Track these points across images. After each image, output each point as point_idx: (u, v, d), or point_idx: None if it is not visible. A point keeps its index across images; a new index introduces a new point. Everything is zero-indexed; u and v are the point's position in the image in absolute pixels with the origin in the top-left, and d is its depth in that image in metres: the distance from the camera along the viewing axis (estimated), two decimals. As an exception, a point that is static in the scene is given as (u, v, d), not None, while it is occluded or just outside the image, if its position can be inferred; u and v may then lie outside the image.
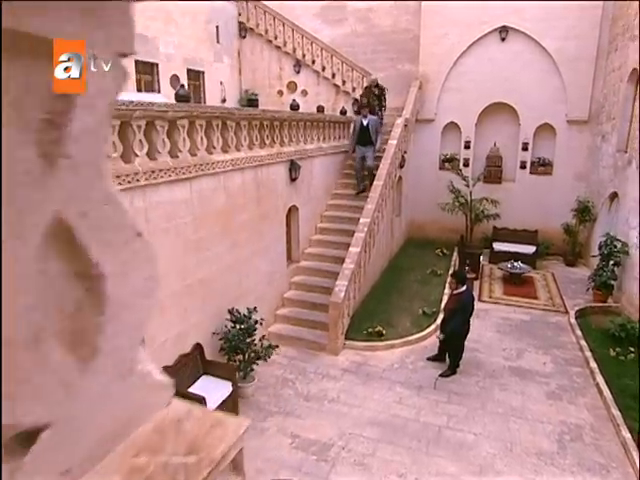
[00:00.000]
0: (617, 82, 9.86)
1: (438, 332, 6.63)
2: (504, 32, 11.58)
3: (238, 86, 14.49)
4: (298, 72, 13.88)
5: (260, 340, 6.22)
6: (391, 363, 6.88)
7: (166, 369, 5.22)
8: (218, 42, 13.64)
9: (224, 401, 5.52)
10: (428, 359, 6.91)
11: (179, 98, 5.31)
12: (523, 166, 12.19)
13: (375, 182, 8.95)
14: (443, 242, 12.20)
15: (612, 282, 8.61)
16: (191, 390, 5.48)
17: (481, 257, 10.64)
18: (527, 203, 12.14)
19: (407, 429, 5.43)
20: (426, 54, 12.37)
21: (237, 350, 5.96)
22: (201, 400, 5.08)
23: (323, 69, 13.43)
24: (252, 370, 6.08)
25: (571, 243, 11.28)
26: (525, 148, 12.06)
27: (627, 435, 5.06)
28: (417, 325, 7.89)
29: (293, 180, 8.01)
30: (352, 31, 13.89)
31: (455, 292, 6.39)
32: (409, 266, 10.79)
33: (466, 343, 6.75)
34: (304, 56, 13.63)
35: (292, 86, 13.95)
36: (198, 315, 5.79)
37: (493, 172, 12.46)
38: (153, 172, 4.80)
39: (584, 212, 10.87)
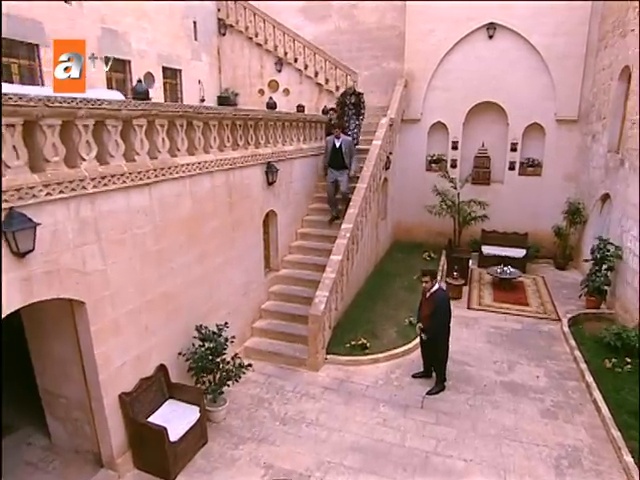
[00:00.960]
0: (607, 80, 9.55)
1: (419, 330, 6.15)
2: (491, 29, 11.22)
3: (218, 85, 13.95)
4: (280, 71, 13.40)
5: (232, 359, 5.71)
6: (375, 379, 6.42)
7: (124, 396, 4.70)
8: (196, 39, 13.09)
9: (192, 428, 5.00)
10: (414, 376, 6.46)
11: (137, 95, 4.79)
12: (512, 167, 11.84)
13: (358, 184, 8.49)
14: (431, 245, 11.81)
15: (606, 287, 8.26)
16: (154, 417, 4.97)
17: (470, 261, 10.25)
18: (516, 205, 11.80)
19: (391, 456, 4.96)
20: (412, 51, 11.96)
21: (206, 371, 5.44)
22: (162, 431, 4.57)
23: (305, 67, 12.97)
24: (222, 393, 5.56)
25: (562, 246, 10.95)
26: (514, 148, 11.71)
27: (629, 459, 4.66)
28: (403, 336, 7.44)
29: (270, 184, 7.51)
30: (336, 28, 13.46)
31: (428, 293, 5.96)
32: (395, 271, 10.35)
33: (455, 356, 6.33)
34: (286, 54, 13.16)
35: (274, 85, 13.46)
36: (162, 333, 5.26)
37: (481, 173, 12.10)
38: (104, 178, 4.26)
39: (575, 214, 10.55)
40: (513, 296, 9.25)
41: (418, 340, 6.95)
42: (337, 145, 8.74)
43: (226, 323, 5.69)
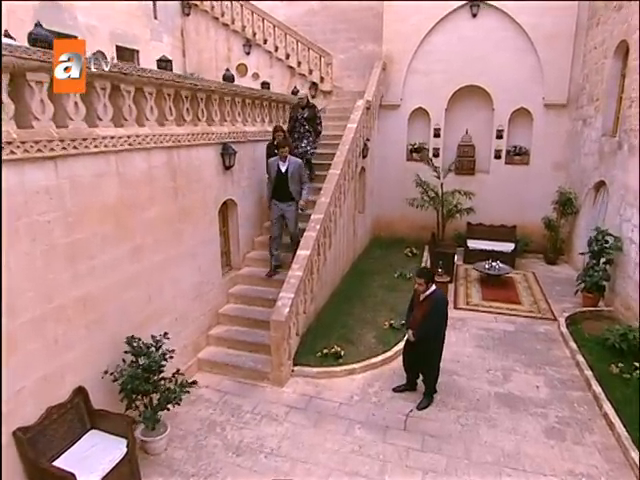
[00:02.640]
0: (600, 59, 8.83)
1: (409, 333, 5.13)
2: (475, 7, 10.40)
3: (182, 69, 12.80)
4: (248, 53, 12.35)
5: (173, 376, 4.66)
6: (350, 395, 5.45)
7: (20, 433, 3.61)
8: (156, 18, 11.96)
9: (116, 466, 3.94)
10: (395, 390, 5.52)
11: (33, 41, 3.71)
12: (498, 155, 11.06)
13: (331, 171, 7.52)
14: (413, 241, 10.95)
15: (604, 283, 7.50)
16: (67, 456, 3.90)
17: (455, 257, 9.41)
18: (503, 196, 11.03)
19: (368, 494, 4.01)
20: (390, 31, 11.07)
21: (139, 392, 4.38)
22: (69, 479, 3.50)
23: (276, 49, 11.97)
24: (157, 421, 4.49)
25: (552, 239, 10.21)
26: (500, 135, 10.93)
27: (655, 491, 3.81)
28: (383, 341, 6.51)
29: (227, 168, 6.48)
30: (309, 9, 12.48)
31: (422, 296, 5.00)
32: (374, 269, 9.43)
33: (442, 364, 5.41)
34: (255, 35, 12.13)
35: (242, 69, 12.40)
36: (80, 348, 4.18)
37: (465, 163, 11.29)
38: (-21, 145, 3.19)
39: (566, 204, 9.81)
40: (503, 294, 8.43)
41: (402, 346, 6.03)
42: (283, 169, 6.55)
43: (165, 333, 4.63)
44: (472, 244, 10.32)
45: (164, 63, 5.35)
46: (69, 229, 3.98)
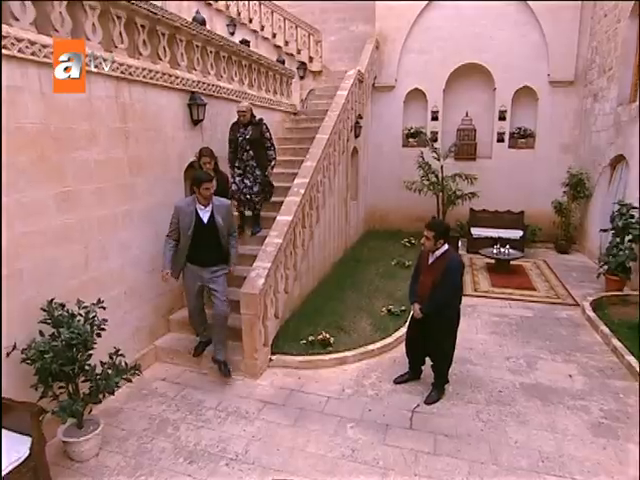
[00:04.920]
0: (612, 25, 8.09)
1: (415, 307, 4.07)
2: (473, -21, 9.74)
3: (160, 52, 11.92)
4: (233, 33, 11.41)
5: (111, 358, 3.57)
6: (341, 387, 4.38)
7: None
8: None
9: (12, 475, 2.83)
10: (397, 382, 4.45)
11: None
12: (501, 139, 10.23)
13: (318, 135, 6.57)
14: (411, 232, 9.96)
15: (631, 264, 6.55)
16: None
17: (459, 242, 8.46)
18: (507, 183, 10.16)
19: (365, 513, 2.92)
20: (383, 8, 10.35)
21: (59, 376, 3.28)
22: None
23: (262, 28, 11.12)
24: (80, 414, 3.37)
25: (564, 225, 9.30)
26: (502, 117, 10.13)
27: None
28: (381, 329, 5.46)
29: (196, 123, 5.50)
30: (297, -13, 11.77)
31: (432, 258, 3.97)
32: (370, 258, 8.44)
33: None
34: (239, 14, 11.29)
35: (225, 50, 11.54)
36: (-24, 316, 3.10)
37: (465, 148, 10.45)
38: None
39: (578, 186, 8.94)
40: (514, 280, 7.45)
41: (403, 333, 5.01)
42: (205, 220, 4.16)
43: (100, 300, 3.55)
44: (476, 232, 9.38)
45: None
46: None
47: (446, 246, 3.92)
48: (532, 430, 3.67)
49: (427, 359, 4.36)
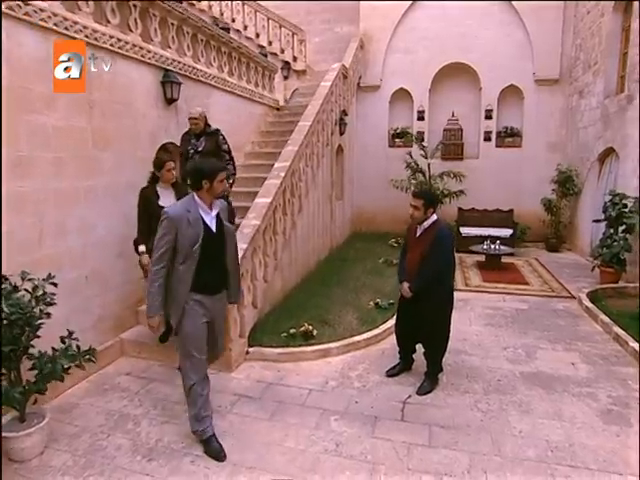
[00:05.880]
0: (596, 20, 8.09)
1: (403, 286, 3.69)
2: (457, -20, 9.75)
3: (141, 52, 11.65)
4: (215, 33, 11.33)
5: (63, 341, 3.12)
6: (324, 379, 3.96)
7: None
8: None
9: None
10: (389, 374, 4.05)
11: None
12: (488, 138, 10.14)
13: (301, 123, 6.30)
14: (399, 235, 9.63)
15: (625, 255, 6.33)
16: None
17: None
18: (495, 182, 10.02)
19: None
20: (367, 8, 10.30)
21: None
22: None
23: (245, 28, 10.98)
24: (22, 406, 2.91)
25: (554, 223, 9.12)
26: (489, 116, 10.05)
27: None
28: (367, 322, 5.07)
29: (170, 102, 5.17)
30: (281, -11, 11.69)
31: (420, 230, 3.64)
32: (356, 257, 8.12)
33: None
34: (222, 14, 11.15)
35: (208, 49, 11.32)
36: None
37: (452, 148, 10.31)
38: None
39: (566, 182, 8.80)
40: (507, 276, 7.17)
41: (392, 325, 4.64)
42: (214, 228, 2.91)
43: (50, 275, 3.11)
44: (465, 231, 9.14)
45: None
46: None
47: (435, 216, 3.61)
48: (537, 419, 3.30)
49: (418, 348, 3.99)
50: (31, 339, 2.90)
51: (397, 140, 10.66)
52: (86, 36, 3.94)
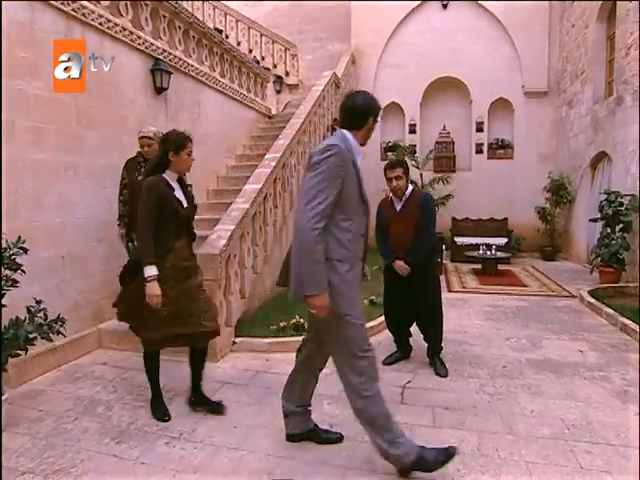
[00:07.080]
0: (582, 31, 8.32)
1: (398, 264, 3.49)
2: (445, -2, 10.07)
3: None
4: (209, 50, 11.49)
5: (29, 311, 2.83)
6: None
7: None
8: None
9: None
10: (385, 363, 3.77)
11: None
12: (479, 150, 10.19)
13: (292, 120, 6.22)
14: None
15: (624, 254, 6.20)
16: None
17: (444, 246, 8.04)
18: (488, 194, 9.98)
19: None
20: (358, 24, 10.54)
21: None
22: None
23: (238, 44, 11.14)
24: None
25: (549, 232, 9.03)
26: (480, 129, 10.15)
27: None
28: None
29: (160, 91, 5.07)
30: (274, 8, 11.99)
31: (400, 204, 3.51)
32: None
33: (445, 335, 3.77)
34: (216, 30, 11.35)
35: (201, 65, 11.45)
36: None
37: (444, 160, 10.33)
38: None
39: (560, 190, 8.77)
40: (504, 280, 7.00)
41: (384, 312, 4.39)
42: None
43: (20, 239, 2.85)
44: (460, 240, 9.00)
45: None
46: None
47: (410, 186, 3.52)
48: (549, 400, 3.03)
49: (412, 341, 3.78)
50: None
51: (389, 153, 10.65)
52: (74, 10, 3.86)
